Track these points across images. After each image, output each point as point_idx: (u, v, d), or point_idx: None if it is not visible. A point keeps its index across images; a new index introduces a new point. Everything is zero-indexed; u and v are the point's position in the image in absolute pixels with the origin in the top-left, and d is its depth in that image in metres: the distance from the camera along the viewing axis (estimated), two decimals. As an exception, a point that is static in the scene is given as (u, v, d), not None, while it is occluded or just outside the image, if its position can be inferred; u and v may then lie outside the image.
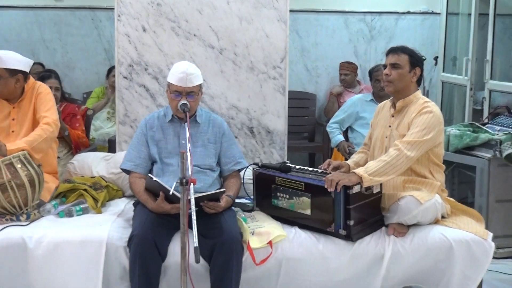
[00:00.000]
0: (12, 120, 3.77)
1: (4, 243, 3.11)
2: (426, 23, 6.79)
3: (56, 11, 6.60)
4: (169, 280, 3.15)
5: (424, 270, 3.34)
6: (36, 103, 3.78)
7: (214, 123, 3.58)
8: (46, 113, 3.72)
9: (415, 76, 3.45)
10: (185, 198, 2.63)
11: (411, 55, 3.44)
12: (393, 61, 3.44)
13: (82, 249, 3.12)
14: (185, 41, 4.27)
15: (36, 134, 3.60)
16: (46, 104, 3.77)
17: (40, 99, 3.78)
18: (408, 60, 3.42)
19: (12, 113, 3.78)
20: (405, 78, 3.43)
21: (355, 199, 3.17)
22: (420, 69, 3.47)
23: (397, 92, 3.46)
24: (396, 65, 3.42)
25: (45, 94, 3.81)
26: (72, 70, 6.65)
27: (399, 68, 3.42)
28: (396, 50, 3.47)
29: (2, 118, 3.77)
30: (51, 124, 3.67)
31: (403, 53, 3.44)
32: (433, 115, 3.31)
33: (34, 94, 3.80)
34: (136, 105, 4.30)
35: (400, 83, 3.43)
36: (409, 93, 3.45)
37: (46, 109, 3.74)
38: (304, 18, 6.65)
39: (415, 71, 3.44)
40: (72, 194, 3.71)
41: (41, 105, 3.76)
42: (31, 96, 3.79)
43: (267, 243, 3.19)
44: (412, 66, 3.43)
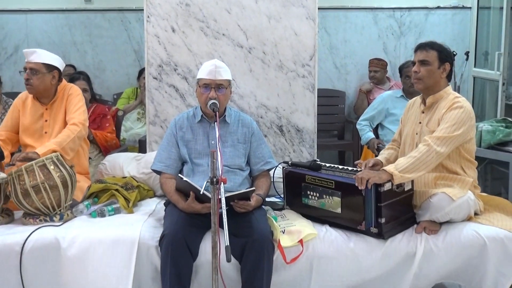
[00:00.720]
0: (45, 122, 3.83)
1: (38, 243, 3.15)
2: (456, 18, 6.70)
3: (86, 13, 6.68)
4: (200, 279, 3.16)
5: (457, 268, 3.31)
6: (67, 105, 3.84)
7: (243, 122, 3.58)
8: (74, 114, 3.78)
9: (445, 71, 3.40)
10: (216, 198, 2.63)
11: (439, 50, 3.39)
12: (421, 58, 3.40)
13: (114, 248, 3.15)
14: (214, 40, 4.28)
15: (64, 135, 3.66)
16: (75, 105, 3.82)
17: (70, 100, 3.84)
18: (437, 56, 3.38)
19: (45, 114, 3.84)
20: (435, 75, 3.38)
21: (386, 196, 3.15)
22: (450, 64, 3.42)
23: (427, 89, 3.42)
24: (425, 61, 3.38)
25: (75, 95, 3.86)
26: (102, 71, 6.72)
27: (428, 64, 3.38)
28: (425, 46, 3.42)
29: (36, 119, 3.84)
30: (78, 124, 3.72)
31: (431, 49, 3.39)
32: (463, 110, 3.27)
33: (66, 96, 3.86)
34: (166, 105, 4.32)
35: (430, 80, 3.39)
36: (439, 89, 3.41)
37: (74, 110, 3.80)
38: (333, 15, 6.62)
39: (444, 66, 3.39)
40: (104, 194, 3.75)
41: (71, 106, 3.82)
42: (62, 97, 3.86)
43: (298, 241, 3.19)
44: (441, 62, 3.38)
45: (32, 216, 3.40)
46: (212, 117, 3.40)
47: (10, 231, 3.29)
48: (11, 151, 3.79)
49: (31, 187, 3.31)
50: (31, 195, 3.32)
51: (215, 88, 3.36)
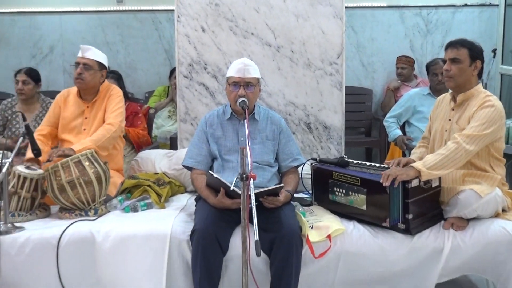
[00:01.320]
0: (85, 119, 3.89)
1: (73, 237, 3.19)
2: (483, 15, 6.61)
3: (118, 14, 6.73)
4: (230, 273, 3.17)
5: (484, 263, 3.29)
6: (107, 104, 3.89)
7: (272, 120, 3.58)
8: (112, 114, 3.83)
9: (476, 69, 3.36)
10: (246, 193, 2.64)
11: (470, 48, 3.34)
12: (452, 56, 3.35)
13: (147, 243, 3.17)
14: (243, 39, 4.29)
15: (100, 134, 3.70)
16: (115, 105, 3.87)
17: (110, 100, 3.89)
18: (468, 54, 3.32)
19: (85, 112, 3.89)
20: (466, 73, 3.34)
21: (414, 193, 3.13)
22: (481, 61, 3.36)
23: (458, 87, 3.38)
24: (456, 59, 3.33)
25: (116, 96, 3.92)
26: (134, 70, 6.77)
27: (459, 62, 3.33)
28: (455, 44, 3.37)
29: (76, 116, 3.90)
30: (114, 124, 3.77)
31: (462, 46, 3.34)
32: (494, 109, 3.23)
33: (107, 96, 3.91)
34: (196, 103, 4.35)
35: (461, 78, 3.34)
36: (470, 87, 3.37)
37: (113, 110, 3.85)
38: (359, 14, 6.58)
39: (475, 64, 3.34)
40: (137, 190, 3.78)
41: (110, 106, 3.87)
42: (104, 97, 3.91)
43: (326, 236, 3.19)
44: (472, 60, 3.33)
45: (68, 210, 3.46)
46: (241, 114, 3.42)
47: (47, 225, 3.34)
48: (52, 145, 3.85)
49: (66, 182, 3.36)
50: (67, 190, 3.37)
51: (244, 86, 3.37)
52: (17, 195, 3.43)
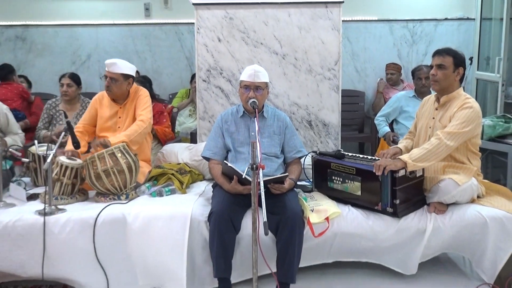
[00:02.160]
0: (118, 118, 3.89)
1: (108, 218, 3.21)
2: (462, 28, 6.57)
3: (146, 26, 6.73)
4: (242, 249, 3.18)
5: (461, 242, 3.29)
6: (136, 104, 3.88)
7: (278, 117, 3.57)
8: (142, 111, 3.82)
9: (459, 75, 3.34)
10: (255, 181, 2.64)
11: (455, 56, 3.32)
12: (438, 62, 3.33)
13: (171, 223, 3.18)
14: (253, 48, 4.28)
15: (133, 129, 3.70)
16: (143, 104, 3.87)
17: (139, 100, 3.88)
18: (452, 61, 3.31)
19: (119, 112, 3.89)
20: (450, 78, 3.32)
21: (400, 181, 3.13)
22: (463, 68, 3.34)
23: (442, 90, 3.36)
24: (442, 66, 3.31)
25: (144, 96, 3.91)
26: (160, 75, 6.78)
27: (444, 68, 3.31)
28: (442, 52, 3.35)
29: (111, 116, 3.90)
30: (145, 121, 3.77)
31: (447, 54, 3.32)
32: (472, 110, 3.21)
33: (136, 96, 3.90)
34: (213, 103, 4.35)
35: (445, 82, 3.32)
36: (453, 90, 3.35)
37: (142, 109, 3.84)
38: (354, 27, 6.55)
39: (458, 70, 3.32)
40: (162, 177, 3.78)
41: (140, 105, 3.86)
42: (133, 98, 3.90)
43: (325, 219, 3.19)
44: (456, 66, 3.31)
45: (103, 195, 3.47)
46: (252, 113, 3.41)
47: (85, 207, 3.36)
48: (87, 140, 3.85)
49: (102, 171, 3.37)
50: (102, 178, 3.38)
51: (253, 89, 3.37)
52: (59, 181, 3.45)
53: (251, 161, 2.63)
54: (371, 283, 3.36)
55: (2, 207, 3.37)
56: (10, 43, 6.76)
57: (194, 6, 4.24)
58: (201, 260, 3.21)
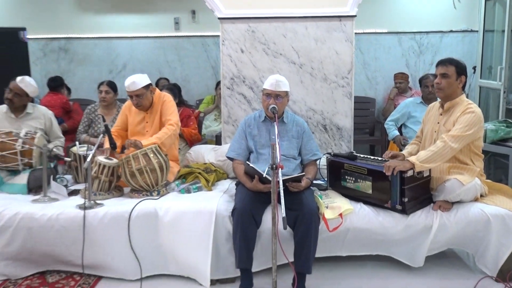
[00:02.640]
0: (146, 123, 3.90)
1: (141, 212, 3.24)
2: (466, 39, 6.49)
3: (176, 39, 6.77)
4: (263, 242, 3.18)
5: (465, 238, 3.25)
6: (162, 109, 3.87)
7: (297, 123, 3.56)
8: (170, 116, 3.82)
9: (461, 83, 3.30)
10: (275, 180, 2.64)
11: (457, 65, 3.28)
12: (442, 72, 3.29)
13: (198, 217, 3.20)
14: (273, 59, 4.28)
15: (163, 132, 3.72)
16: (170, 108, 3.87)
17: (165, 105, 3.88)
18: (455, 70, 3.27)
19: (146, 117, 3.90)
20: (453, 86, 3.28)
21: (409, 181, 3.10)
22: (465, 76, 3.30)
23: (446, 97, 3.32)
24: (445, 75, 3.28)
25: (169, 101, 3.92)
26: (188, 83, 6.81)
27: (447, 77, 3.27)
28: (445, 62, 3.31)
29: (139, 121, 3.91)
30: (174, 124, 3.78)
31: (450, 64, 3.28)
32: (474, 115, 3.17)
33: (161, 102, 3.89)
34: (237, 109, 4.36)
35: (449, 90, 3.29)
36: (456, 97, 3.31)
37: (169, 113, 3.84)
38: (365, 38, 6.52)
39: (461, 79, 3.28)
40: (190, 176, 3.80)
41: (167, 110, 3.86)
42: (158, 103, 3.89)
43: (338, 215, 3.18)
44: (458, 75, 3.27)
45: (137, 191, 3.50)
46: (272, 118, 3.41)
47: (121, 202, 3.39)
48: (121, 143, 3.89)
49: (136, 170, 3.40)
50: (136, 176, 3.41)
51: (274, 97, 3.37)
52: (98, 179, 3.49)
53: (271, 161, 2.63)
54: (381, 274, 3.34)
55: (47, 201, 3.42)
56: (54, 54, 6.87)
57: (220, 20, 4.26)
58: (225, 251, 3.21)
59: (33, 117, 4.05)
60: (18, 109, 3.99)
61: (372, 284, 3.22)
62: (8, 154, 3.67)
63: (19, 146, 3.68)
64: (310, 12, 4.19)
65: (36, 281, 3.29)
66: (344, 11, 4.18)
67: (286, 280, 3.18)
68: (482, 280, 3.21)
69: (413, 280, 3.25)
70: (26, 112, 4.02)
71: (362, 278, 3.30)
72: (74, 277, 3.32)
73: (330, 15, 4.19)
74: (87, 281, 3.26)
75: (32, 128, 3.95)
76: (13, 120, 3.99)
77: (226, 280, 3.25)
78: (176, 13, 6.72)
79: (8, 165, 3.70)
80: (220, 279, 3.25)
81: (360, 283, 3.24)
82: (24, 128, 3.86)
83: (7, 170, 3.77)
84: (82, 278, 3.29)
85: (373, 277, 3.32)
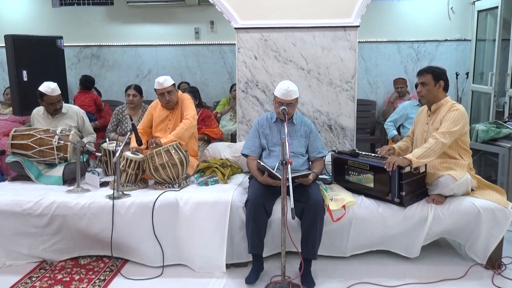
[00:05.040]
0: (169, 121, 3.92)
1: (164, 203, 3.25)
2: (459, 48, 6.40)
3: (196, 46, 6.78)
4: (273, 230, 3.18)
5: (458, 229, 3.22)
6: (182, 107, 3.90)
7: (305, 123, 3.54)
8: (187, 111, 3.84)
9: (440, 87, 3.27)
10: (285, 176, 2.64)
11: (433, 73, 3.26)
12: (421, 81, 3.30)
13: (215, 207, 3.21)
14: (284, 65, 4.26)
15: (180, 128, 3.73)
16: (187, 105, 3.88)
17: (184, 103, 3.90)
18: (432, 77, 3.25)
19: (169, 116, 3.92)
20: (433, 91, 3.27)
21: (406, 176, 3.08)
22: (444, 80, 3.26)
23: (429, 102, 3.33)
24: (424, 83, 3.28)
25: (186, 99, 3.93)
26: (206, 86, 6.82)
27: (426, 85, 3.27)
28: (422, 71, 3.32)
29: (163, 119, 3.93)
30: (189, 118, 3.78)
31: (427, 73, 3.28)
32: (458, 112, 3.16)
33: (181, 101, 3.92)
34: (250, 110, 4.35)
35: (430, 96, 3.28)
36: (439, 99, 3.28)
37: (187, 109, 3.86)
38: (368, 47, 6.46)
39: (439, 83, 3.25)
40: (208, 170, 3.81)
41: (185, 107, 3.88)
42: (179, 103, 3.92)
43: (342, 206, 3.17)
44: (436, 80, 3.25)
45: (160, 183, 3.51)
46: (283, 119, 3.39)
47: (145, 193, 3.40)
48: (146, 139, 3.91)
49: (159, 164, 3.42)
50: (159, 170, 3.43)
51: (286, 105, 3.33)
52: (125, 172, 3.51)
53: (281, 158, 2.63)
54: (380, 261, 3.32)
55: (80, 191, 3.45)
56: (87, 60, 6.92)
57: (236, 30, 4.25)
58: (239, 238, 3.22)
59: (67, 116, 4.08)
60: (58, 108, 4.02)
61: (372, 271, 3.20)
62: (46, 149, 3.70)
63: (55, 142, 3.71)
64: (317, 23, 4.17)
65: (69, 262, 3.32)
66: (349, 22, 4.15)
67: (294, 265, 3.18)
68: (473, 267, 3.19)
69: (410, 266, 3.23)
70: (61, 112, 4.05)
71: (362, 264, 3.28)
72: (103, 260, 3.36)
73: (336, 25, 4.16)
74: (115, 263, 3.29)
75: (67, 126, 3.98)
76: (50, 120, 4.03)
77: (240, 264, 3.26)
78: (196, 23, 6.72)
79: (46, 159, 3.74)
80: (234, 263, 3.26)
81: (360, 269, 3.22)
82: (60, 126, 3.89)
83: (44, 163, 3.80)
84: (111, 261, 3.32)
85: (373, 263, 3.30)
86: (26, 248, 3.31)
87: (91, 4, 6.96)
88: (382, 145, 5.97)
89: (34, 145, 3.68)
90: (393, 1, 6.48)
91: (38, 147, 3.68)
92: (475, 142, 4.17)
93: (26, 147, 3.68)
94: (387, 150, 3.47)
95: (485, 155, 4.56)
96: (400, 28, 6.46)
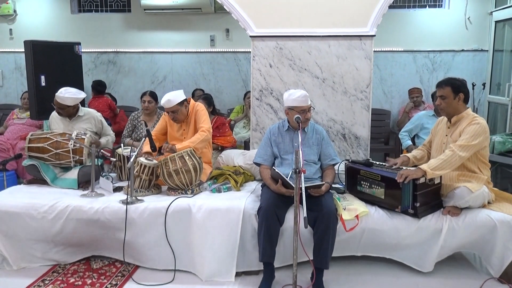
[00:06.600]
0: (183, 130, 3.94)
1: (177, 208, 3.26)
2: (476, 58, 6.34)
3: (211, 54, 6.80)
4: (285, 239, 3.17)
5: (473, 242, 3.18)
6: (196, 117, 3.90)
7: (317, 131, 3.54)
8: (202, 123, 3.84)
9: (460, 100, 3.21)
10: (298, 185, 2.63)
11: (452, 85, 3.21)
12: (440, 94, 3.24)
13: (227, 214, 3.20)
14: (299, 73, 4.27)
15: (196, 137, 3.74)
16: (202, 116, 3.88)
17: (198, 114, 3.90)
18: (451, 90, 3.19)
19: (183, 125, 3.94)
20: (452, 104, 3.21)
21: (421, 187, 3.05)
22: (463, 93, 3.21)
23: (449, 114, 3.27)
24: (443, 96, 3.22)
25: (201, 110, 3.93)
26: (221, 93, 6.84)
27: (445, 98, 3.21)
28: (441, 84, 3.25)
29: (178, 129, 3.95)
30: (205, 130, 3.79)
31: (446, 85, 3.22)
32: (479, 126, 3.10)
33: (194, 111, 3.92)
34: (264, 118, 4.36)
35: (449, 108, 3.23)
36: (460, 112, 3.23)
37: (202, 121, 3.85)
38: (383, 56, 6.44)
39: (459, 96, 3.20)
40: (221, 177, 3.82)
41: (200, 118, 3.88)
42: (192, 112, 3.92)
43: (355, 216, 3.15)
44: (456, 93, 3.19)
45: (173, 189, 3.52)
46: (296, 127, 3.39)
47: (159, 199, 3.42)
48: (158, 145, 3.92)
49: (173, 170, 3.43)
50: (173, 176, 3.44)
51: (300, 112, 3.32)
52: (139, 177, 3.53)
53: (294, 166, 2.62)
54: (393, 272, 3.29)
55: (94, 196, 3.48)
56: (103, 66, 7.00)
57: (251, 38, 4.27)
58: (251, 246, 3.21)
59: (84, 119, 4.11)
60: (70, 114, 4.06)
61: (384, 281, 3.17)
62: (62, 152, 3.75)
63: (71, 144, 3.76)
64: (333, 32, 4.17)
65: (82, 266, 3.35)
66: (364, 31, 4.15)
67: (305, 275, 3.16)
68: (488, 281, 3.13)
69: (423, 279, 3.19)
70: (78, 115, 4.09)
71: (375, 275, 3.25)
72: (115, 264, 3.37)
73: (351, 35, 4.16)
74: (126, 268, 3.30)
75: (83, 130, 4.01)
76: (67, 123, 4.07)
77: (251, 273, 3.25)
78: (212, 31, 6.76)
79: (62, 162, 3.78)
80: (245, 271, 3.25)
81: (372, 279, 3.19)
82: (76, 130, 3.94)
83: (60, 167, 3.85)
84: (123, 266, 3.34)
85: (386, 274, 3.27)
86: (39, 251, 3.35)
87: (109, 11, 7.06)
88: (396, 155, 5.98)
89: (50, 148, 3.73)
90: (409, 11, 6.46)
91: (54, 149, 3.73)
92: (491, 154, 4.12)
93: (42, 150, 3.74)
94: (401, 162, 3.41)
95: (501, 167, 4.51)
96: (416, 37, 6.43)
